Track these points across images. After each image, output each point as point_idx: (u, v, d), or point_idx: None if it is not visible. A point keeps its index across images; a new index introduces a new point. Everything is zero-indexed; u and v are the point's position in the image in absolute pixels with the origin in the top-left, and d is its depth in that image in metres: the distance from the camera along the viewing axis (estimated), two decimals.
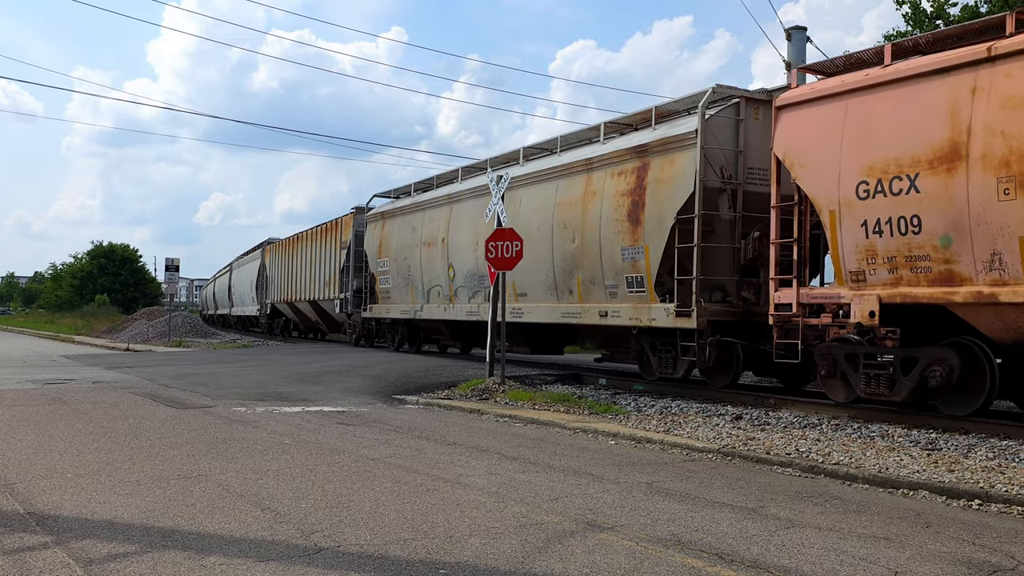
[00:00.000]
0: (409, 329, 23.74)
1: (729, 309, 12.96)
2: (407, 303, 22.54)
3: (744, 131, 13.13)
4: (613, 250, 14.38)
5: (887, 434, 9.67)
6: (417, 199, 22.44)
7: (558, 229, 15.87)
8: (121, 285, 74.92)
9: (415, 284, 21.82)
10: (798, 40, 17.84)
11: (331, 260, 29.08)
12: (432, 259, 20.87)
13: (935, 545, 5.42)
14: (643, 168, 13.88)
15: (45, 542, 5.18)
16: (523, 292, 17.00)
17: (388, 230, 23.73)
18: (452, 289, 19.85)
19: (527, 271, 16.21)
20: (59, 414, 11.27)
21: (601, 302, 14.81)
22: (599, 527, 5.71)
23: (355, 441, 9.28)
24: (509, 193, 16.36)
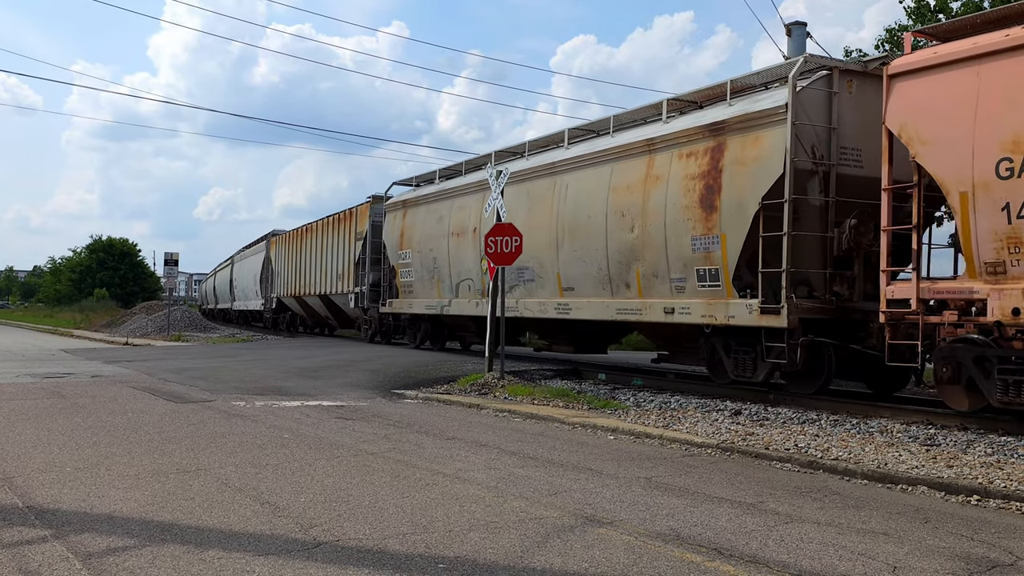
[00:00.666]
0: (433, 325, 22.21)
1: (822, 306, 11.54)
2: (432, 298, 20.94)
3: (837, 106, 11.74)
4: (681, 240, 12.89)
5: (886, 430, 9.68)
6: (444, 186, 20.86)
7: (613, 217, 14.32)
8: (120, 279, 74.80)
9: (441, 277, 20.27)
10: (798, 36, 17.81)
11: (345, 252, 27.52)
12: (462, 250, 19.28)
13: (933, 540, 5.42)
14: (718, 148, 12.41)
15: (44, 536, 5.18)
16: (569, 286, 15.63)
17: (411, 219, 22.12)
18: (484, 283, 17.83)
19: (574, 263, 15.24)
20: (58, 408, 11.27)
21: (666, 297, 13.33)
22: (598, 522, 5.71)
23: (354, 435, 9.28)
24: (554, 178, 15.71)
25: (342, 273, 27.64)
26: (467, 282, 19.14)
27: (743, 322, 11.97)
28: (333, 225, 29.17)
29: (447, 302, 20.09)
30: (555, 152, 16.53)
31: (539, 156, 17.03)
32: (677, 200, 13.01)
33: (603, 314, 14.88)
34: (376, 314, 25.14)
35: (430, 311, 21.17)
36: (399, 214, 22.97)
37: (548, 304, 16.14)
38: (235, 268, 49.69)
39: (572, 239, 15.00)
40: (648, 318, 13.80)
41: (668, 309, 13.25)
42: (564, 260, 14.65)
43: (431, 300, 21.00)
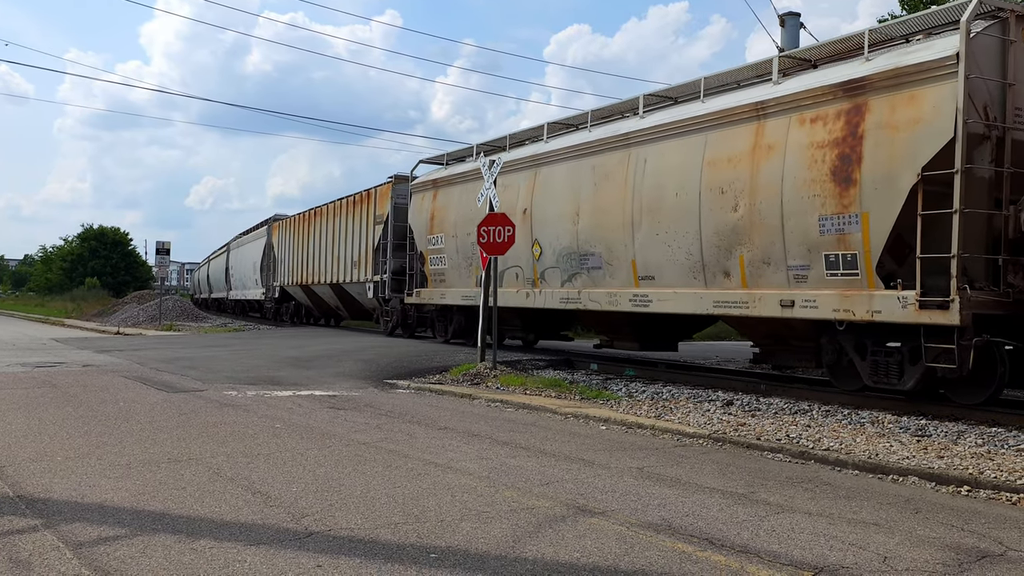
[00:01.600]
0: (467, 317, 19.61)
1: (999, 299, 9.52)
2: (470, 287, 18.59)
3: (1013, 58, 9.82)
4: (805, 220, 10.93)
5: (877, 420, 9.71)
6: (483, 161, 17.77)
7: (708, 194, 12.32)
8: (112, 268, 74.60)
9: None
10: (792, 26, 17.82)
11: (361, 237, 25.17)
12: None
13: (924, 531, 5.45)
14: (856, 111, 10.52)
15: (35, 525, 5.16)
16: (648, 275, 13.58)
17: (443, 201, 19.85)
18: (537, 271, 16.34)
19: (655, 248, 13.25)
20: (49, 397, 11.23)
21: (780, 288, 11.34)
22: (590, 512, 5.72)
23: (346, 425, 9.27)
24: (628, 151, 13.95)
25: (358, 260, 25.41)
26: (514, 270, 17.10)
27: (893, 318, 9.95)
28: (347, 208, 26.87)
29: None
30: (627, 122, 14.55)
31: (605, 127, 15.08)
32: (798, 173, 11.03)
33: (694, 307, 12.84)
34: (399, 305, 23.02)
35: (468, 301, 18.70)
36: (428, 195, 20.73)
37: (620, 295, 14.09)
38: (231, 255, 47.45)
39: (653, 220, 13.23)
40: (757, 312, 11.71)
41: (786, 302, 11.20)
42: (641, 245, 13.00)
43: (468, 290, 18.71)
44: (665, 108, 14.16)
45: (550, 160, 16.21)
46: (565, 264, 15.56)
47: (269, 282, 36.81)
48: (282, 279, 34.55)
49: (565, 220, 15.45)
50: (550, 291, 16.03)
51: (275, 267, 35.87)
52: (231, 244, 48.11)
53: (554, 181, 16.01)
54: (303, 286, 31.55)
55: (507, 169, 16.76)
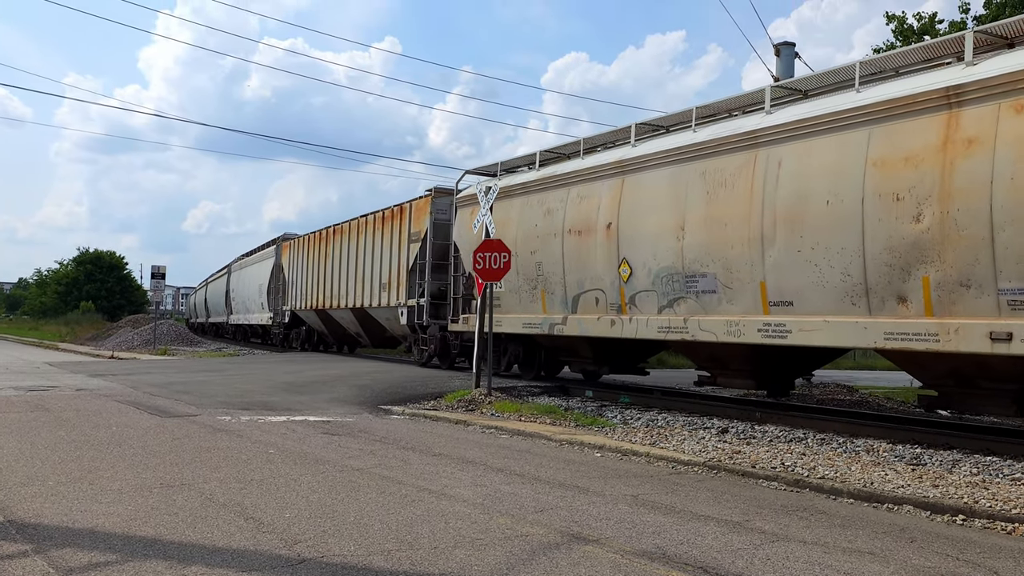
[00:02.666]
0: (526, 348, 17.98)
1: None
2: (535, 313, 16.43)
3: None
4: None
5: (872, 449, 9.70)
6: (552, 171, 16.45)
7: (876, 201, 10.28)
8: (107, 292, 74.45)
9: (550, 288, 15.88)
10: (787, 55, 18.01)
11: (392, 257, 22.94)
12: (586, 253, 14.94)
13: (919, 560, 5.43)
14: None
15: (25, 550, 5.12)
16: (783, 300, 11.40)
17: (498, 215, 17.00)
18: (625, 295, 14.04)
19: (796, 267, 11.15)
20: (41, 421, 11.17)
21: (989, 317, 9.22)
22: (584, 539, 5.70)
23: (340, 451, 9.23)
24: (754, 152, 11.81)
25: (388, 282, 23.16)
26: (593, 294, 14.83)
27: None
28: (375, 225, 24.49)
29: (560, 319, 15.62)
30: (750, 118, 12.46)
31: (717, 125, 12.98)
32: (1018, 172, 8.98)
33: (856, 339, 10.80)
34: (438, 332, 20.60)
35: (531, 329, 16.61)
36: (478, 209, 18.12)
37: (744, 324, 11.83)
38: (233, 278, 44.95)
39: (791, 235, 11.16)
40: (952, 346, 9.55)
41: (999, 335, 9.07)
42: (775, 264, 11.12)
43: (532, 316, 16.50)
44: (797, 103, 12.11)
45: (643, 166, 13.93)
46: (665, 287, 13.26)
47: (277, 306, 34.68)
48: (293, 303, 32.43)
49: (665, 235, 13.15)
50: (643, 319, 13.63)
51: (285, 290, 33.75)
52: (232, 266, 45.96)
53: (649, 190, 13.69)
54: (318, 310, 29.34)
55: (584, 177, 15.29)
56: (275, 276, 34.94)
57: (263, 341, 39.77)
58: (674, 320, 13.04)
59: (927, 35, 23.63)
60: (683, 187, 12.96)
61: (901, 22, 24.44)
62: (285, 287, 33.64)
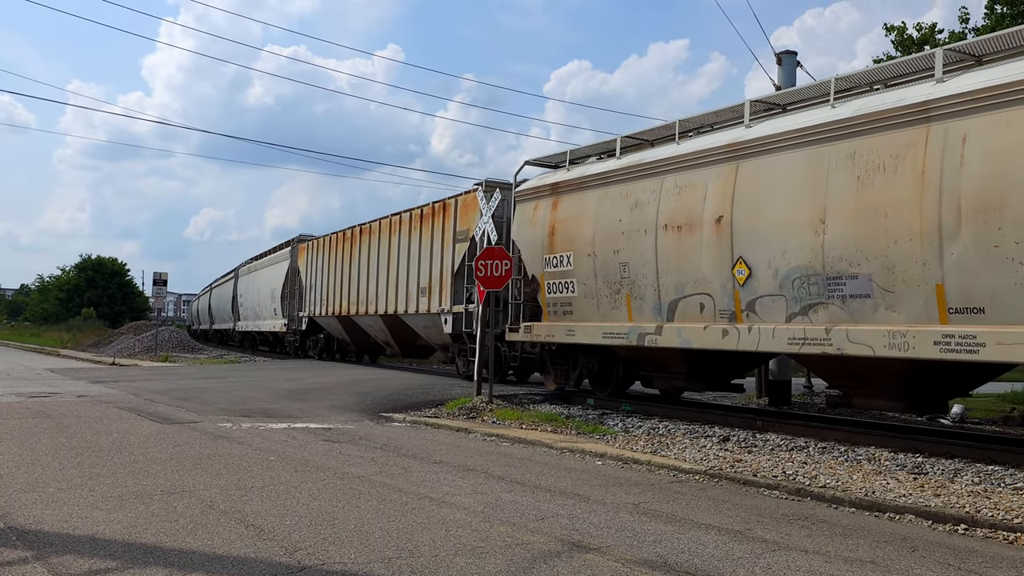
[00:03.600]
0: (602, 361, 15.74)
1: None
2: (617, 321, 14.19)
3: None
4: None
5: (874, 458, 9.68)
6: (638, 159, 14.16)
7: None
8: (108, 299, 74.48)
9: (638, 292, 13.67)
10: (788, 64, 18.03)
11: (434, 259, 20.77)
12: (688, 251, 12.74)
13: (921, 570, 5.41)
14: None
15: (25, 557, 5.12)
16: (971, 306, 9.61)
17: (569, 210, 15.44)
18: (741, 300, 12.04)
19: (986, 267, 9.33)
20: (42, 428, 11.17)
21: None
22: (585, 548, 5.69)
23: (341, 458, 9.22)
24: (925, 129, 9.93)
25: (428, 287, 20.95)
26: (696, 299, 12.72)
27: None
28: (412, 223, 22.21)
29: (652, 328, 13.40)
30: (915, 89, 10.51)
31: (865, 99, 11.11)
32: None
33: None
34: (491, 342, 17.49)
35: (609, 340, 14.41)
36: (544, 204, 16.20)
37: (915, 337, 9.85)
38: (241, 282, 42.82)
39: (983, 227, 9.30)
40: None
41: None
42: (958, 262, 9.43)
43: (614, 325, 14.26)
44: (975, 69, 10.23)
45: (765, 148, 11.88)
46: (797, 291, 11.27)
47: (292, 312, 32.38)
48: (311, 308, 30.03)
49: (798, 230, 11.21)
50: (768, 328, 11.51)
51: (302, 295, 31.35)
52: (240, 270, 43.74)
53: (774, 177, 11.66)
54: (341, 317, 27.10)
55: (683, 164, 13.13)
56: (290, 280, 32.91)
57: (273, 349, 38.18)
58: (811, 330, 10.93)
59: (927, 45, 23.65)
60: (823, 171, 10.99)
61: (901, 32, 24.47)
62: (302, 292, 31.36)
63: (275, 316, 34.80)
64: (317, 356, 30.90)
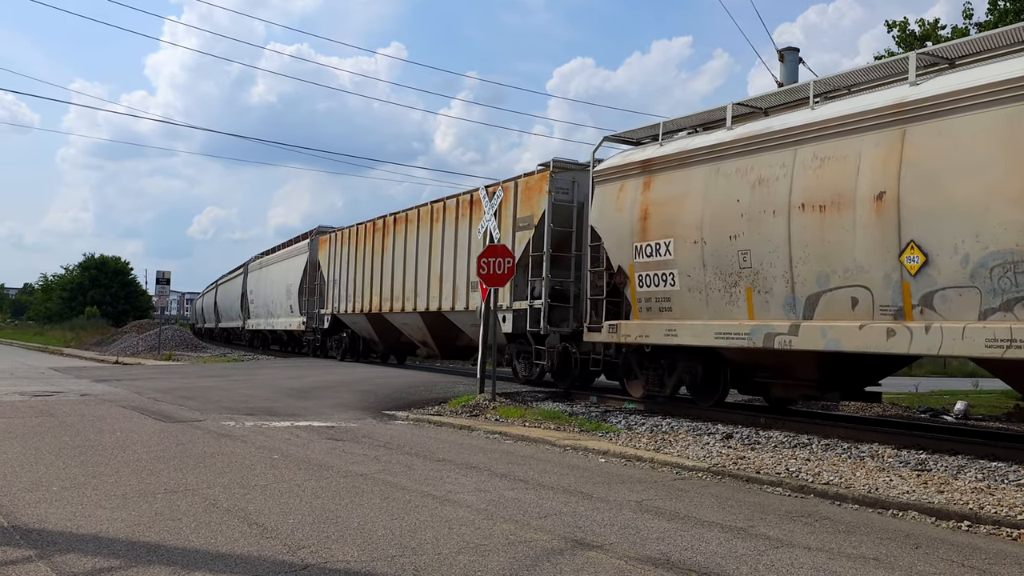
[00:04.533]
0: (707, 366, 13.57)
1: None
2: (733, 318, 12.13)
3: None
4: None
5: (877, 454, 9.67)
6: (759, 128, 12.09)
7: None
8: (111, 298, 74.63)
9: (762, 284, 11.67)
10: (791, 61, 18.01)
11: None
12: (834, 234, 10.79)
13: (924, 566, 5.41)
14: None
15: (28, 556, 5.13)
16: None
17: (666, 190, 13.33)
18: (913, 293, 10.04)
19: None
20: (46, 426, 11.19)
21: None
22: (588, 545, 5.69)
23: (344, 457, 9.23)
24: None
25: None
26: (848, 292, 10.72)
27: None
28: (459, 211, 19.91)
29: (785, 328, 11.37)
30: None
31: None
32: None
33: None
34: (558, 343, 16.47)
35: (727, 341, 12.20)
36: (632, 184, 14.02)
37: None
38: (251, 278, 40.71)
39: None
40: None
41: None
42: None
43: (730, 323, 12.15)
44: None
45: (944, 109, 9.89)
46: (998, 281, 9.43)
47: (313, 309, 30.19)
48: (335, 305, 27.70)
49: (1001, 206, 9.24)
50: (954, 327, 9.49)
51: (324, 290, 28.96)
52: (250, 265, 41.69)
53: (960, 143, 9.70)
54: (370, 314, 24.87)
55: (824, 132, 11.18)
56: (309, 275, 30.53)
57: (288, 349, 36.17)
58: (1019, 329, 8.93)
59: (929, 41, 23.59)
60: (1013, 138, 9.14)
61: (903, 28, 24.40)
62: (323, 288, 28.97)
63: (291, 314, 32.66)
64: (340, 357, 28.43)
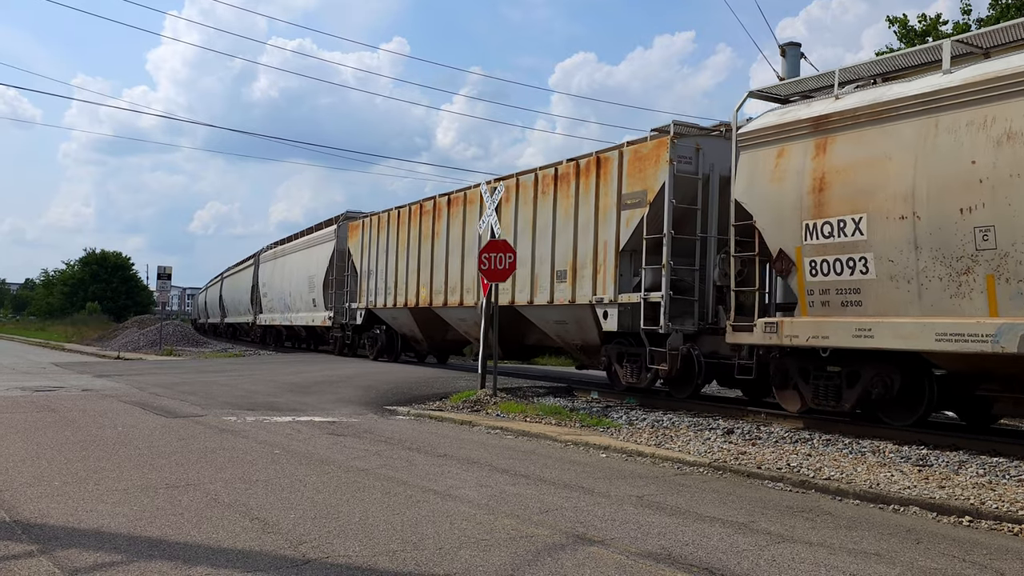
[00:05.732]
0: (906, 375, 10.76)
1: None
2: (968, 315, 9.50)
3: None
4: None
5: (878, 450, 9.67)
6: (996, 68, 9.55)
7: None
8: (112, 293, 74.71)
9: (1011, 270, 9.15)
10: (792, 56, 17.98)
11: (583, 232, 15.49)
12: None
13: (925, 561, 5.41)
14: None
15: (30, 550, 5.13)
16: None
17: (853, 153, 10.70)
18: None
19: None
20: (48, 421, 11.20)
21: None
22: (589, 540, 5.69)
23: (345, 452, 9.24)
24: None
25: (570, 269, 15.74)
26: None
27: None
28: (540, 188, 17.03)
29: None
30: None
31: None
32: None
33: None
34: (681, 344, 13.56)
35: (956, 345, 9.53)
36: (798, 148, 11.41)
37: None
38: (263, 270, 38.25)
39: None
40: None
41: None
42: None
43: (960, 322, 9.54)
44: None
45: None
46: None
47: (342, 303, 27.40)
48: (371, 299, 24.91)
49: None
50: None
51: (358, 282, 26.06)
52: (262, 255, 39.28)
53: None
54: (416, 309, 22.01)
55: None
56: (336, 265, 27.85)
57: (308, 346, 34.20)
58: None
59: (930, 37, 23.55)
60: None
61: (904, 24, 24.37)
62: (357, 280, 26.18)
63: (314, 308, 29.82)
64: (373, 356, 25.65)
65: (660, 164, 13.79)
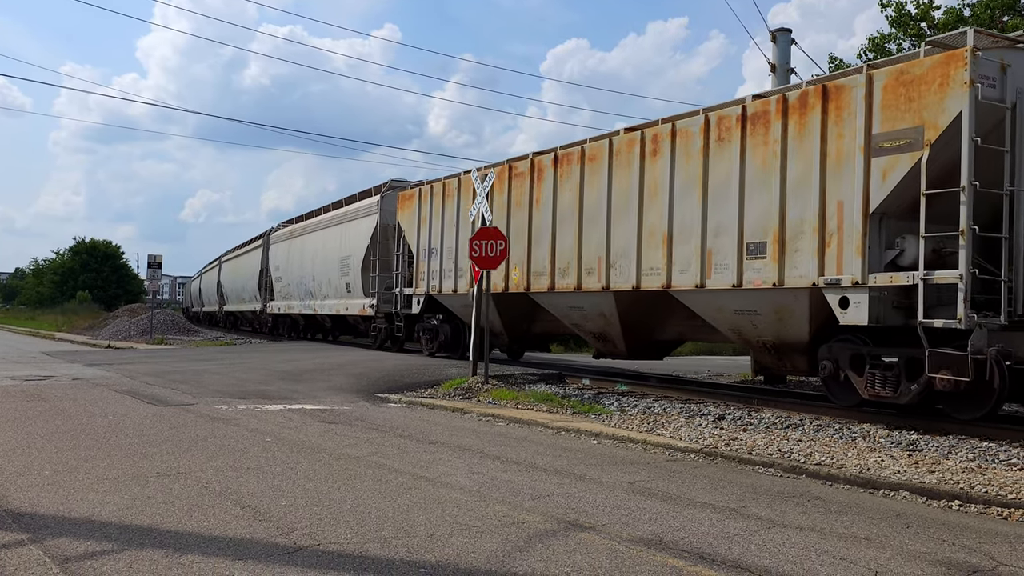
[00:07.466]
0: None
1: None
2: None
3: None
4: None
5: (868, 435, 9.71)
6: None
7: None
8: (103, 282, 74.39)
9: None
10: (783, 42, 17.97)
11: (794, 191, 11.31)
12: None
13: (915, 545, 5.44)
14: None
15: (21, 539, 5.12)
16: None
17: None
18: None
19: None
20: (38, 411, 11.16)
21: None
22: (580, 526, 5.70)
23: (337, 439, 9.23)
24: None
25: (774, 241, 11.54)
26: None
27: None
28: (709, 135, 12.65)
29: None
30: None
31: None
32: None
33: None
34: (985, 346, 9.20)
35: None
36: None
37: None
38: (274, 251, 34.53)
39: None
40: None
41: None
42: None
43: None
44: None
45: None
46: None
47: (386, 287, 23.18)
48: (433, 283, 20.18)
49: None
50: None
51: (406, 264, 22.07)
52: (272, 235, 35.38)
53: None
54: (502, 295, 17.39)
55: None
56: (378, 244, 23.63)
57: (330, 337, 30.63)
58: None
59: (924, 22, 23.54)
60: None
61: (899, 8, 24.32)
62: (407, 261, 22.03)
63: (348, 294, 25.70)
64: (431, 352, 21.00)
65: (950, 87, 9.60)
